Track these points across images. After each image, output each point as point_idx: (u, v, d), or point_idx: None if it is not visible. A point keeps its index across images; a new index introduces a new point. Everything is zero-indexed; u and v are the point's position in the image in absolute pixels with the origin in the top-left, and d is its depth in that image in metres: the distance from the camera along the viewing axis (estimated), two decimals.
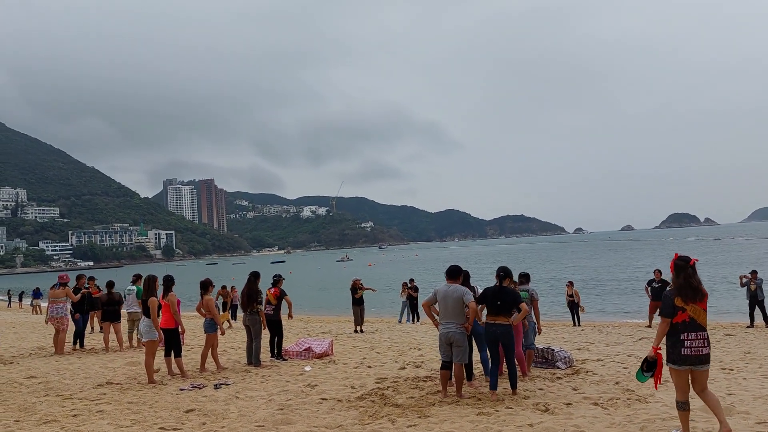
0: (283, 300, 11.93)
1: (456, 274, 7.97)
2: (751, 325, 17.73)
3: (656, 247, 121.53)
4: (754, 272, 18.18)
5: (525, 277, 9.94)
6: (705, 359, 5.38)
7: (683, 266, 5.53)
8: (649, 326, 18.14)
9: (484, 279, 10.52)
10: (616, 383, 8.36)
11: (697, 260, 5.64)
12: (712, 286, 37.21)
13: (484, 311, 8.49)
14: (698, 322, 5.39)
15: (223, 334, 10.96)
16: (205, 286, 10.76)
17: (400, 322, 23.39)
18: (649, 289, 18.53)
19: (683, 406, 5.57)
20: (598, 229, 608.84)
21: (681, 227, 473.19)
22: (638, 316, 24.05)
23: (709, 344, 5.45)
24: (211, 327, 10.64)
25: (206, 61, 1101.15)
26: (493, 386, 7.66)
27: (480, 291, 8.95)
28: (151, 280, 10.02)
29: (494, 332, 7.71)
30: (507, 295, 7.72)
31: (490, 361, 7.98)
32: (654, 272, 18.69)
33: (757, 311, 17.80)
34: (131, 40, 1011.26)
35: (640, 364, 5.60)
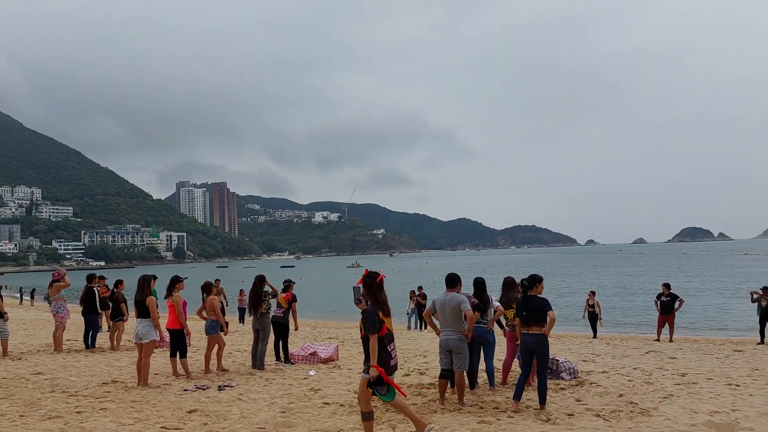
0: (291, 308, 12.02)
1: (454, 282, 7.95)
2: (762, 342, 17.52)
3: (667, 261, 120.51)
4: (765, 288, 17.97)
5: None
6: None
7: (371, 283, 5.87)
8: (657, 340, 17.99)
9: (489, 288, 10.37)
10: (620, 396, 8.31)
11: (384, 276, 5.98)
12: (723, 302, 36.81)
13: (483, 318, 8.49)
14: (392, 334, 5.90)
15: (226, 334, 11.01)
16: (208, 288, 10.90)
17: (408, 329, 23.41)
18: (658, 303, 18.40)
19: (369, 416, 5.91)
20: (610, 241, 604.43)
21: (694, 241, 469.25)
22: (647, 330, 23.88)
23: None
24: (212, 329, 10.71)
25: (217, 66, 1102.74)
26: (517, 396, 7.46)
27: (495, 301, 8.89)
28: (146, 280, 9.87)
29: (527, 342, 7.52)
30: (534, 303, 7.52)
31: (521, 372, 7.64)
32: (662, 286, 18.56)
33: None
34: (143, 45, 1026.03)
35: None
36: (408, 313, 24.34)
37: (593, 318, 20.36)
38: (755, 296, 17.92)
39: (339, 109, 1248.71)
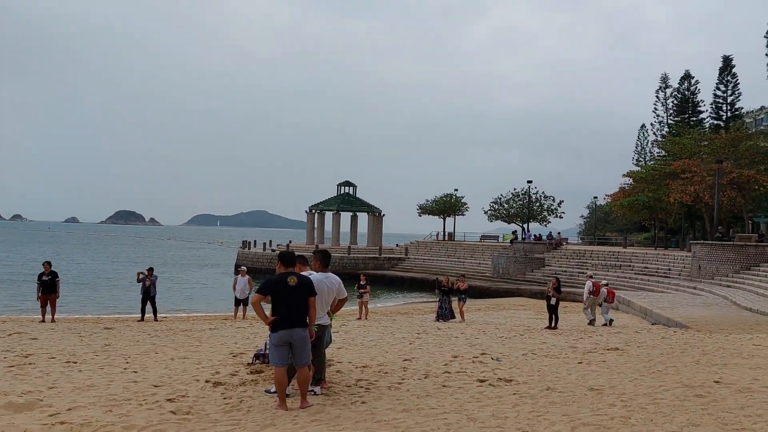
0: None
1: None
2: (142, 319, 18.77)
3: (95, 241, 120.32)
4: (150, 269, 19.41)
5: None
6: None
7: None
8: (43, 321, 16.90)
9: None
10: None
11: None
12: (127, 282, 38.65)
13: None
14: None
15: None
16: None
17: None
18: (39, 283, 17.40)
19: None
20: (41, 218, 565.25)
21: (127, 224, 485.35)
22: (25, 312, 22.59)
23: None
24: None
25: None
26: None
27: None
28: None
29: None
30: None
31: None
32: (43, 265, 17.69)
33: (150, 306, 19.02)
34: None
35: None
36: None
37: None
38: (141, 276, 19.11)
39: None
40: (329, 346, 8.02)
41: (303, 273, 6.84)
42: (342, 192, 59.28)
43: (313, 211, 57.49)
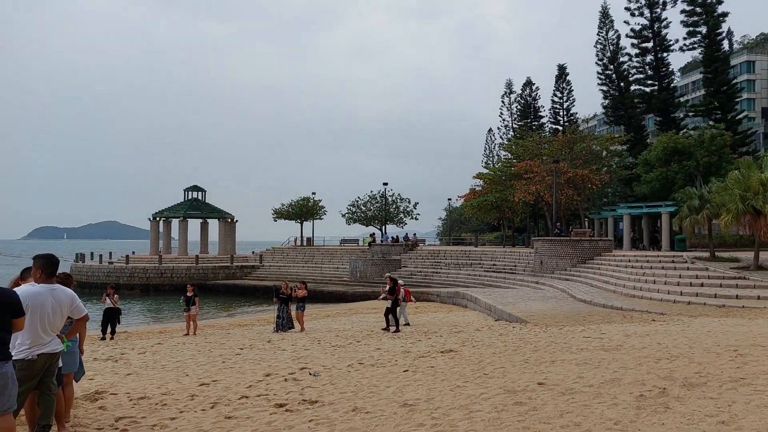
0: None
1: None
2: None
3: None
4: None
5: None
6: None
7: None
8: None
9: None
10: None
11: None
12: None
13: None
14: None
15: None
16: None
17: None
18: None
19: None
20: None
21: None
22: None
23: None
24: None
25: None
26: None
27: None
28: None
29: None
30: None
31: None
32: None
33: None
34: None
35: None
36: None
37: None
38: None
39: None
40: (81, 378, 6.28)
41: (24, 286, 5.10)
42: (189, 197, 55.55)
43: (158, 218, 53.26)
